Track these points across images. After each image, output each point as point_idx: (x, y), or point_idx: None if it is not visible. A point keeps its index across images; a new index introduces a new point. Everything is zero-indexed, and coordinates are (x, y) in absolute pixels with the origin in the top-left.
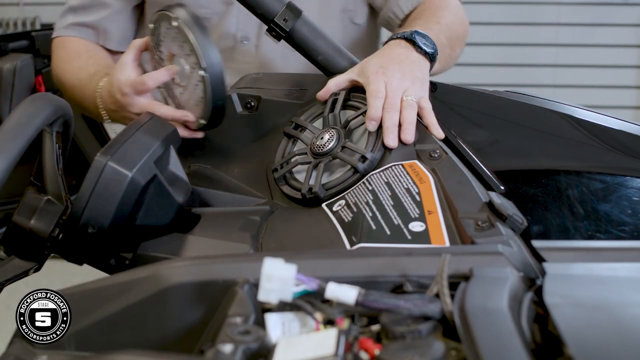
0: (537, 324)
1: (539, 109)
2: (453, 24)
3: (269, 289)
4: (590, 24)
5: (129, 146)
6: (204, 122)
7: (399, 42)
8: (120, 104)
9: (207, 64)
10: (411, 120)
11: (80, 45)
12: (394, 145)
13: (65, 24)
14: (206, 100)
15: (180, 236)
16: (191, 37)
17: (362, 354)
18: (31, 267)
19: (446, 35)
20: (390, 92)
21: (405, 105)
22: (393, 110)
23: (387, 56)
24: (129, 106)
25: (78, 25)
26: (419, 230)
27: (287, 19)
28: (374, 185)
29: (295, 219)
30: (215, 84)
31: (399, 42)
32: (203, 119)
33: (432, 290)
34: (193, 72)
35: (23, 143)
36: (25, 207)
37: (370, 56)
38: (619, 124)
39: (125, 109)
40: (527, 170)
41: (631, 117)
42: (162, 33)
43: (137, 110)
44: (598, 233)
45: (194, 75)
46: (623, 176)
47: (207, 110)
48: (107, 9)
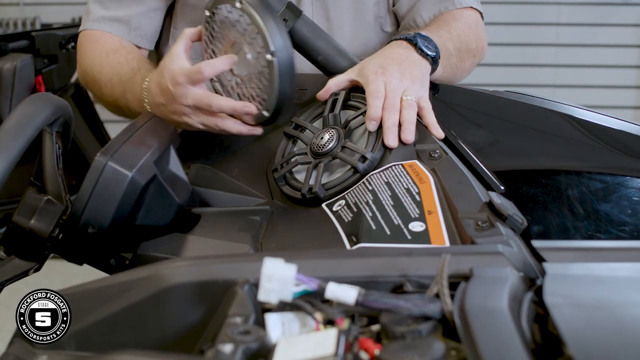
0: (537, 324)
1: (539, 109)
2: (465, 36)
3: (269, 289)
4: (590, 24)
5: (129, 146)
6: (267, 114)
7: (400, 43)
8: (172, 96)
9: (275, 47)
10: (411, 120)
11: (115, 41)
12: (394, 145)
13: (94, 17)
14: (273, 88)
15: (180, 236)
16: (257, 18)
17: (362, 354)
18: (31, 267)
19: (455, 45)
20: (389, 92)
21: (404, 105)
22: (393, 110)
23: (386, 56)
24: (181, 97)
25: (109, 19)
26: (419, 230)
27: (287, 18)
28: (374, 185)
29: (295, 219)
30: (284, 69)
31: (399, 43)
32: (266, 110)
33: (432, 290)
34: (258, 58)
35: (23, 143)
36: (25, 207)
37: (370, 57)
38: (619, 124)
39: (177, 101)
40: (527, 170)
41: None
42: (221, 19)
43: (191, 101)
44: (598, 233)
45: (259, 61)
46: (623, 176)
47: (272, 100)
48: (143, 5)
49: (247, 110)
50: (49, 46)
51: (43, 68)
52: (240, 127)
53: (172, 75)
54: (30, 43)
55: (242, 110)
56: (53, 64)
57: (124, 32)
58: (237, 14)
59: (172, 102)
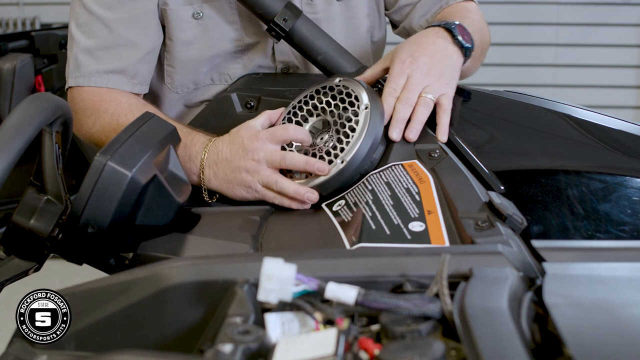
0: (537, 323)
1: (539, 109)
2: (481, 30)
3: (268, 289)
4: (590, 24)
5: (129, 146)
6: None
7: (437, 31)
8: (243, 149)
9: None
10: (420, 119)
11: (131, 98)
12: (397, 139)
13: (88, 72)
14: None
15: (180, 236)
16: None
17: (362, 353)
18: (31, 267)
19: (479, 38)
20: (410, 85)
21: (420, 102)
22: (407, 104)
23: (421, 44)
24: (254, 151)
25: (104, 72)
26: (418, 230)
27: (286, 18)
28: (373, 185)
29: (295, 219)
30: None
31: (437, 31)
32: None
33: (431, 290)
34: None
35: (23, 143)
36: (25, 207)
37: (406, 41)
38: (619, 124)
39: (247, 156)
40: (527, 170)
41: (631, 117)
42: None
43: (262, 155)
44: (598, 233)
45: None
46: (623, 176)
47: (329, 187)
48: (137, 51)
49: (319, 166)
50: (49, 46)
51: (43, 68)
52: (299, 188)
53: (251, 132)
54: (30, 43)
55: (313, 167)
56: (53, 64)
57: (123, 83)
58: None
59: (239, 157)
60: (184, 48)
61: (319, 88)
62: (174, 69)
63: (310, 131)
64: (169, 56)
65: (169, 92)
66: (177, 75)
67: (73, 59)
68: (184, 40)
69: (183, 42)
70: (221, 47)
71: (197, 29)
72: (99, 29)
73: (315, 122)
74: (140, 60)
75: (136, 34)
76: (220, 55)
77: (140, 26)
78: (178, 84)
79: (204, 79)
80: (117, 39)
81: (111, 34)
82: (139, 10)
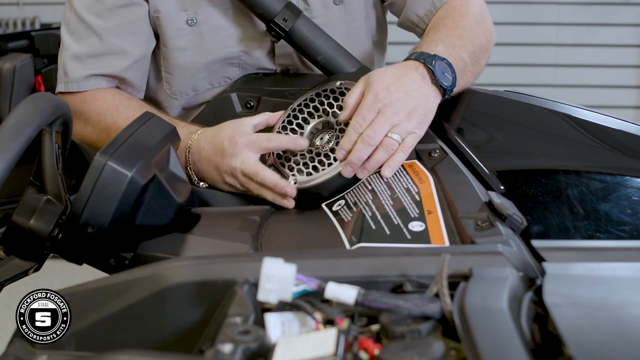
0: (537, 323)
1: (539, 109)
2: (476, 36)
3: (268, 289)
4: (590, 24)
5: (129, 146)
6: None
7: (417, 66)
8: (222, 151)
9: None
10: (377, 161)
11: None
12: (348, 176)
13: (76, 77)
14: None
15: (180, 236)
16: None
17: (362, 353)
18: (31, 267)
19: (469, 51)
20: (377, 123)
21: (383, 143)
22: (368, 144)
23: (399, 78)
24: (231, 156)
25: (95, 77)
26: (418, 230)
27: (286, 18)
28: (373, 185)
29: (295, 219)
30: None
31: (417, 66)
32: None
33: (431, 290)
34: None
35: (23, 143)
36: (24, 207)
37: (384, 69)
38: (619, 124)
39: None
40: (527, 170)
41: (631, 117)
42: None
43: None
44: (598, 233)
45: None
46: (623, 176)
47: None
48: (125, 59)
49: (287, 190)
50: (49, 46)
51: (42, 68)
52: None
53: (232, 133)
54: (29, 43)
55: (282, 189)
56: (53, 64)
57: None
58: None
59: (219, 158)
60: (179, 54)
61: (320, 91)
62: (172, 75)
63: (311, 132)
64: (166, 62)
65: (168, 98)
66: (175, 81)
67: (62, 65)
68: (179, 47)
69: (178, 48)
70: (217, 53)
71: (192, 35)
72: (89, 37)
73: (316, 124)
74: (129, 68)
75: (126, 42)
76: (216, 62)
77: (129, 34)
78: (177, 91)
79: (203, 84)
80: (106, 47)
81: (101, 42)
82: (128, 18)
